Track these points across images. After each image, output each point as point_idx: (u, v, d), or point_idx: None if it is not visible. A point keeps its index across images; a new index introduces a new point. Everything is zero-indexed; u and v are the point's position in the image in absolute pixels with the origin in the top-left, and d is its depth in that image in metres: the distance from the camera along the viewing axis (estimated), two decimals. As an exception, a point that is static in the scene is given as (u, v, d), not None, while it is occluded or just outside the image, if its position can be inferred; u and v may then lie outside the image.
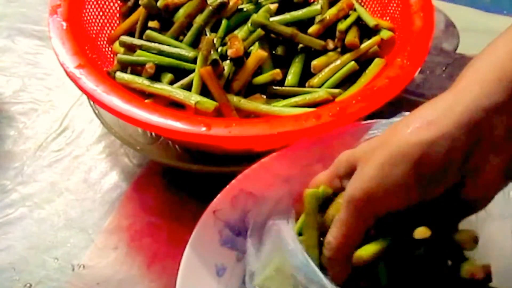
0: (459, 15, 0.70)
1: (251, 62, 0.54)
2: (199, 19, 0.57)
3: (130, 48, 0.57)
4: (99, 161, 0.59)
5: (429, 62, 0.65)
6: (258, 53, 0.54)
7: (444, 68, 0.66)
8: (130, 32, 0.61)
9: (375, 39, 0.56)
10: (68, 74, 0.51)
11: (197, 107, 0.49)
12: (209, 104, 0.49)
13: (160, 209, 0.55)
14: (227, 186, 0.49)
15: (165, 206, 0.55)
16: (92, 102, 0.58)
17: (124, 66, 0.56)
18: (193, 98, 0.50)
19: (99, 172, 0.58)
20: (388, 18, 0.59)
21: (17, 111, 0.64)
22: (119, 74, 0.53)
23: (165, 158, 0.56)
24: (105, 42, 0.61)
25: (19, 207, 0.55)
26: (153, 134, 0.57)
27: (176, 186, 0.56)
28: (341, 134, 0.47)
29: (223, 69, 0.52)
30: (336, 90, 0.54)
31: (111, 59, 0.60)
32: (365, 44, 0.56)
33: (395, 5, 0.58)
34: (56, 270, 0.51)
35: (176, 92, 0.51)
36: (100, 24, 0.61)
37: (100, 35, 0.61)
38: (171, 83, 0.53)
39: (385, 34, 0.56)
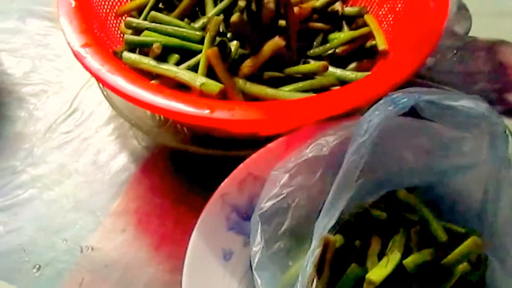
0: (472, -3, 0.69)
1: (267, 49, 0.53)
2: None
3: (137, 30, 0.56)
4: (108, 143, 0.59)
5: (440, 45, 0.64)
6: (275, 40, 0.53)
7: (455, 52, 0.65)
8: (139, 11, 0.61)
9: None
10: (74, 52, 0.50)
11: (202, 89, 0.49)
12: (214, 86, 0.49)
13: (168, 192, 0.55)
14: (235, 170, 0.48)
15: (173, 189, 0.55)
16: (101, 84, 0.58)
17: (131, 47, 0.56)
18: (198, 80, 0.49)
19: (107, 154, 0.58)
20: (402, 1, 0.58)
21: (28, 93, 0.64)
22: (125, 54, 0.53)
23: (173, 141, 0.56)
24: (114, 22, 0.61)
25: (28, 188, 0.56)
26: (162, 117, 0.57)
27: (184, 169, 0.56)
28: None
29: (230, 51, 0.52)
30: (347, 73, 0.54)
31: (120, 39, 0.59)
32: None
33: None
34: (65, 252, 0.51)
35: (182, 73, 0.50)
36: (110, 4, 0.61)
37: (109, 15, 0.61)
38: (178, 64, 0.53)
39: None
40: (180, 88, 0.52)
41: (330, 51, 0.57)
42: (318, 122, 0.47)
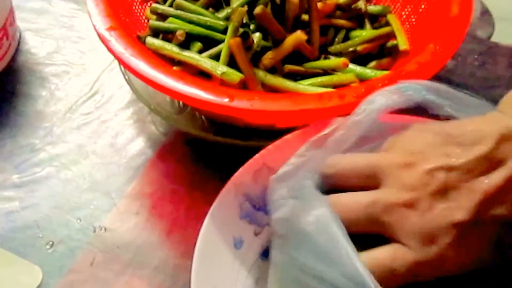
0: (496, 3, 0.69)
1: (289, 42, 0.54)
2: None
3: (162, 16, 0.57)
4: (127, 126, 0.60)
5: (462, 49, 0.64)
6: (297, 34, 0.54)
7: (476, 56, 0.65)
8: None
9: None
10: (98, 35, 0.51)
11: (223, 78, 0.50)
12: (235, 75, 0.49)
13: (182, 178, 0.56)
14: (250, 160, 0.49)
15: (188, 176, 0.56)
16: (123, 68, 0.59)
17: (155, 32, 0.56)
18: (219, 68, 0.50)
19: (125, 137, 0.59)
20: (425, 2, 0.58)
21: (50, 73, 0.65)
22: (149, 39, 0.53)
23: (191, 129, 0.57)
24: (139, 8, 0.61)
25: (46, 166, 0.57)
26: (181, 104, 0.58)
27: (200, 157, 0.57)
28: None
29: (253, 42, 0.52)
30: (367, 71, 0.54)
31: (145, 25, 0.60)
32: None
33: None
34: (78, 231, 0.52)
35: (203, 61, 0.51)
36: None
37: (135, 0, 0.61)
38: (200, 52, 0.53)
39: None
40: (201, 76, 0.52)
41: (351, 49, 0.57)
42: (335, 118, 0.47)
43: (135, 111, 0.61)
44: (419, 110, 0.42)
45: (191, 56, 0.52)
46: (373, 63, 0.57)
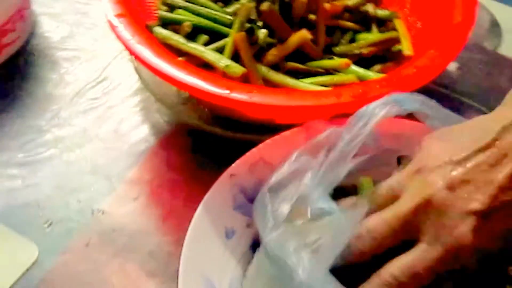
0: (506, 15, 0.69)
1: (293, 40, 0.55)
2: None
3: (172, 7, 0.58)
4: (132, 114, 0.61)
5: (468, 59, 0.65)
6: (302, 33, 0.55)
7: (481, 67, 0.65)
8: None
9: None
10: (108, 21, 0.52)
11: (225, 71, 0.51)
12: (237, 69, 0.50)
13: (182, 167, 0.57)
14: (247, 153, 0.50)
15: (188, 166, 0.57)
16: (132, 57, 0.60)
17: (164, 23, 0.57)
18: (223, 61, 0.51)
19: (130, 124, 0.60)
20: (430, 9, 0.59)
21: (62, 57, 0.66)
22: (157, 29, 0.55)
23: (194, 120, 0.58)
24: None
25: (51, 147, 0.58)
26: (186, 94, 0.59)
27: (202, 148, 0.58)
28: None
29: (257, 38, 0.53)
30: (370, 73, 0.55)
31: (154, 15, 0.61)
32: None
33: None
34: (77, 212, 0.54)
35: (208, 53, 0.52)
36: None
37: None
38: (206, 45, 0.54)
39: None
40: (205, 68, 0.53)
41: (356, 51, 0.58)
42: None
43: (142, 99, 0.62)
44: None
45: (196, 47, 0.53)
46: (377, 67, 0.58)
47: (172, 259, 0.51)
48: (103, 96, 0.62)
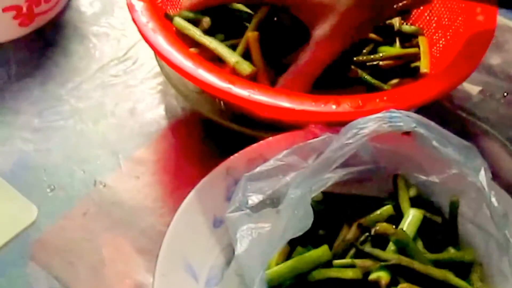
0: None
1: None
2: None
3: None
4: (149, 95, 0.63)
5: (492, 84, 0.64)
6: None
7: (505, 94, 0.64)
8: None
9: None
10: (127, 3, 0.54)
11: (235, 67, 0.52)
12: (247, 66, 0.51)
13: (188, 153, 0.58)
14: (248, 148, 0.51)
15: (194, 152, 0.58)
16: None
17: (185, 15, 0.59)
18: (234, 57, 0.52)
19: (145, 105, 0.62)
20: (451, 31, 0.59)
21: (92, 32, 0.68)
22: (176, 18, 0.56)
23: (206, 110, 0.59)
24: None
25: (66, 117, 0.60)
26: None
27: (211, 137, 0.59)
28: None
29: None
30: (383, 86, 0.55)
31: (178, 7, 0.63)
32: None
33: (460, 19, 0.58)
34: (80, 181, 0.56)
35: (220, 47, 0.53)
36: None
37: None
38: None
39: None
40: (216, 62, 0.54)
41: (374, 62, 0.58)
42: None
43: (160, 82, 0.64)
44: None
45: (211, 40, 0.54)
46: (394, 81, 0.58)
47: (162, 239, 0.52)
48: (124, 74, 0.64)
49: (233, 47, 0.54)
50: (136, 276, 0.50)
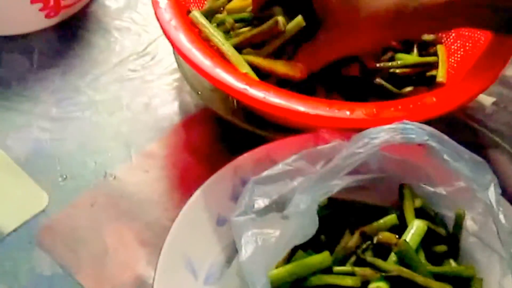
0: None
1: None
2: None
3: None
4: (165, 91, 0.63)
5: (507, 96, 0.63)
6: None
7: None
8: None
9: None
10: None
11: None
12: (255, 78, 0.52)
13: (199, 150, 0.58)
14: (256, 149, 0.51)
15: (204, 149, 0.58)
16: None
17: (209, 14, 0.59)
18: (245, 68, 0.52)
19: (160, 100, 0.62)
20: (470, 41, 0.59)
21: (114, 26, 0.69)
22: (194, 12, 0.56)
23: (219, 108, 0.59)
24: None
25: (83, 108, 0.61)
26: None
27: (223, 136, 0.60)
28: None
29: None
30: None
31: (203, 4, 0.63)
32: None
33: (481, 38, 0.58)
34: (91, 172, 0.57)
35: (232, 54, 0.53)
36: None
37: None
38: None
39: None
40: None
41: (391, 70, 0.58)
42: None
43: (177, 79, 0.64)
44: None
45: (223, 43, 0.54)
46: (409, 88, 0.58)
47: (166, 233, 0.51)
48: (142, 69, 0.65)
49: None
50: (137, 268, 0.51)
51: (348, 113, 0.47)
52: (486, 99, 0.62)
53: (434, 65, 0.58)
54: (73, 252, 0.52)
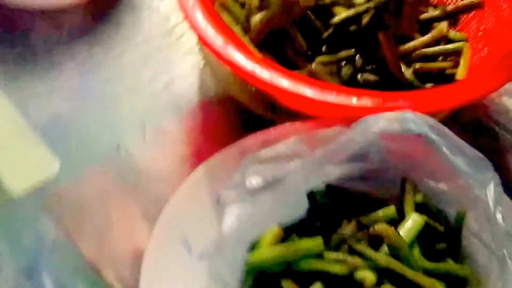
0: None
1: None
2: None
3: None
4: (187, 71, 0.64)
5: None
6: None
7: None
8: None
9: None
10: None
11: None
12: None
13: (213, 133, 0.59)
14: (263, 131, 0.51)
15: (219, 133, 0.59)
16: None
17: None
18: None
19: (181, 80, 0.63)
20: (496, 41, 0.57)
21: (145, 4, 0.69)
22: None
23: (236, 91, 0.59)
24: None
25: (104, 82, 0.62)
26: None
27: (240, 121, 0.59)
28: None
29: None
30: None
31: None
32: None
33: (508, 31, 0.56)
34: (104, 144, 0.58)
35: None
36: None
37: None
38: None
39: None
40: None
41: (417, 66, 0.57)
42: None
43: (199, 60, 0.64)
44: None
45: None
46: (429, 85, 0.56)
47: None
48: (166, 49, 0.66)
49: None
50: (138, 241, 0.52)
51: (354, 100, 0.46)
52: (507, 100, 0.60)
53: (457, 63, 0.57)
54: (77, 220, 0.53)
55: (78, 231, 0.52)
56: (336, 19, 0.56)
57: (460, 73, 0.55)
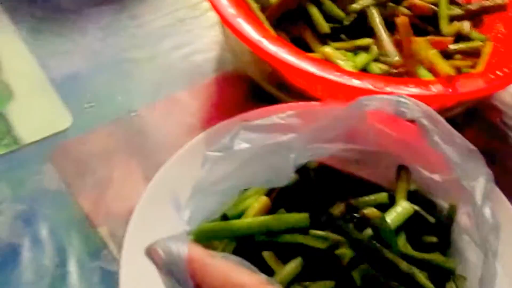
0: None
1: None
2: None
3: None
4: (207, 46, 0.65)
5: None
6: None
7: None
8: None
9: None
10: None
11: None
12: None
13: (227, 108, 0.59)
14: (268, 107, 0.51)
15: (231, 108, 0.58)
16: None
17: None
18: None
19: (200, 52, 0.64)
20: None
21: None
22: None
23: (254, 71, 0.60)
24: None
25: (125, 48, 0.64)
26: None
27: (252, 99, 0.60)
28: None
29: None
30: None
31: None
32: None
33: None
34: (116, 105, 0.59)
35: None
36: None
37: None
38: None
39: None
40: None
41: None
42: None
43: (219, 34, 0.65)
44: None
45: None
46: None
47: None
48: (190, 21, 0.67)
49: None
50: (135, 202, 0.52)
51: (356, 81, 0.46)
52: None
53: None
54: (80, 175, 0.54)
55: (79, 186, 0.53)
56: (357, 5, 0.56)
57: (478, 69, 0.54)
